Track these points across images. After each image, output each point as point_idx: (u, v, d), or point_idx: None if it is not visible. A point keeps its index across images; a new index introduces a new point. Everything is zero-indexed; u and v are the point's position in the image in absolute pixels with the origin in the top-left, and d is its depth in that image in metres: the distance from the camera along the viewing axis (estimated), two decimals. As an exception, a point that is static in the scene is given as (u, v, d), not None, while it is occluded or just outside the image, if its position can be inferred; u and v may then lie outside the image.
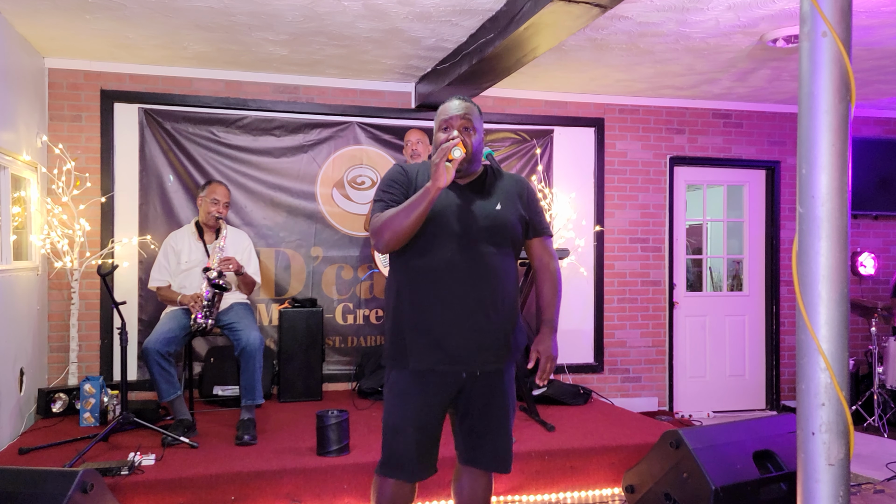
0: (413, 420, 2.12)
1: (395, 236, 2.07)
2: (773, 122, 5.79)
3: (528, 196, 2.27)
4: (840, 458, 1.32)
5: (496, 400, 2.17)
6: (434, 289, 2.10)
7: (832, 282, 1.33)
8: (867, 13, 3.62)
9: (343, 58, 4.48)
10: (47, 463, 3.21)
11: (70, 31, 4.00)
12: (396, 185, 2.18)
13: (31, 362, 4.13)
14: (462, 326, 2.09)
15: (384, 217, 2.10)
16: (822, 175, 1.33)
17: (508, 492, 3.35)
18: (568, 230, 5.30)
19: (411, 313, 2.12)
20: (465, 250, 2.10)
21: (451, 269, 2.09)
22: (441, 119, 2.19)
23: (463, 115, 2.17)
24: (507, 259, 2.19)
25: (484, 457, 2.20)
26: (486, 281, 2.11)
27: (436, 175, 2.00)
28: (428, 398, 2.12)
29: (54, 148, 4.44)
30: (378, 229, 2.10)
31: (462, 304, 2.09)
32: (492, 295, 2.12)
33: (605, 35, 4.01)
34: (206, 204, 4.02)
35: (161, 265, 4.04)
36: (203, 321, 3.72)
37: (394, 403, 2.15)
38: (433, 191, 2.00)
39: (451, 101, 2.21)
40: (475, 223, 2.13)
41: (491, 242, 2.14)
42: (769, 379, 5.80)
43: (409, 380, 2.12)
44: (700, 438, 2.90)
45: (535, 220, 2.27)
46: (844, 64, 1.33)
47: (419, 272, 2.12)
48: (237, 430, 3.62)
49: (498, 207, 2.18)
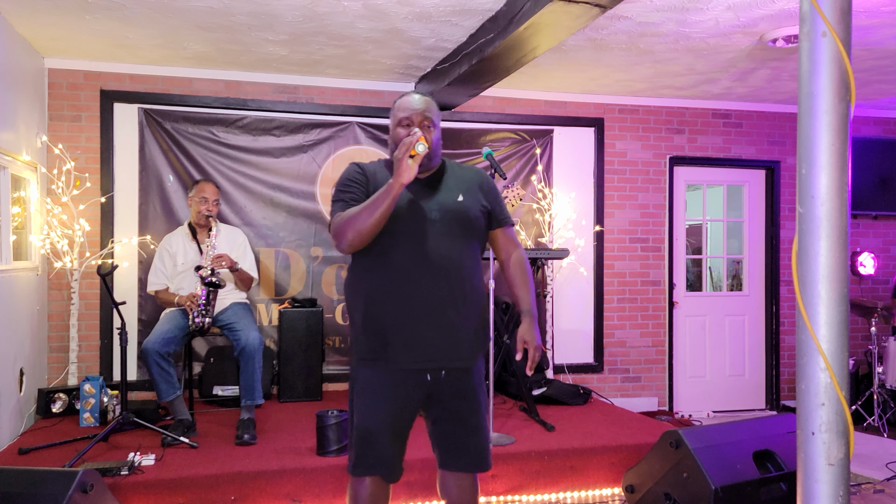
0: (387, 419, 2.08)
1: (359, 235, 2.01)
2: (773, 121, 5.79)
3: (487, 187, 2.24)
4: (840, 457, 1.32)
5: (466, 401, 2.14)
6: (402, 286, 2.05)
7: (832, 282, 1.33)
8: (867, 13, 3.62)
9: (343, 58, 4.48)
10: (47, 463, 3.21)
11: (70, 31, 4.00)
12: (355, 184, 2.13)
13: (31, 362, 4.13)
14: (429, 324, 2.05)
15: (346, 216, 2.04)
16: (821, 175, 1.33)
17: (508, 492, 3.35)
18: (568, 230, 5.30)
19: (380, 312, 2.07)
20: (430, 245, 2.06)
21: (417, 264, 2.05)
22: (400, 115, 2.14)
23: (423, 110, 2.12)
24: (473, 252, 2.16)
25: (462, 459, 2.16)
26: (454, 275, 2.07)
27: (399, 171, 1.95)
28: (400, 397, 2.09)
29: (54, 148, 4.44)
30: (340, 229, 2.04)
31: (428, 301, 2.05)
32: (461, 289, 2.09)
33: (604, 35, 4.01)
34: (195, 203, 4.03)
35: (157, 269, 4.05)
36: (200, 321, 3.72)
37: (366, 403, 2.10)
38: (396, 187, 1.96)
39: (409, 96, 2.17)
40: (438, 216, 2.09)
41: (456, 235, 2.10)
42: (769, 379, 5.80)
43: (382, 379, 2.09)
44: (700, 438, 2.90)
45: (497, 210, 2.24)
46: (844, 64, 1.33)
47: (386, 270, 2.07)
48: (237, 429, 3.62)
49: (460, 199, 2.14)
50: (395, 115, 2.17)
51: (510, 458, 3.38)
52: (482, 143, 5.20)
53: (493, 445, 3.46)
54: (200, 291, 3.73)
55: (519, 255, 2.26)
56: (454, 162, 2.28)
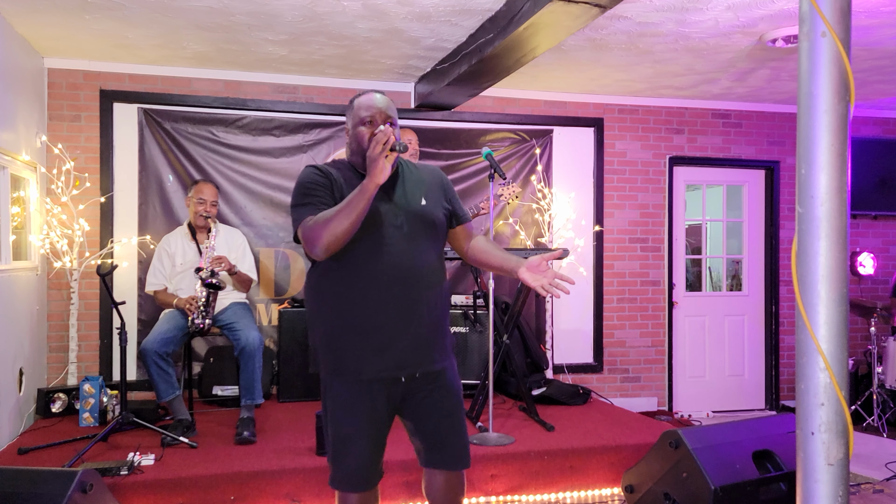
0: (364, 430, 2.04)
1: (336, 239, 1.92)
2: (773, 122, 5.79)
3: (447, 185, 2.20)
4: (839, 457, 1.32)
5: (444, 400, 2.10)
6: (368, 293, 2.00)
7: (831, 282, 1.33)
8: (866, 13, 3.62)
9: (342, 58, 4.48)
10: (46, 463, 3.21)
11: (69, 30, 4.00)
12: (319, 188, 2.04)
13: (31, 362, 4.13)
14: (400, 330, 2.01)
15: (319, 220, 1.94)
16: (821, 175, 1.33)
17: (508, 492, 3.35)
18: (567, 230, 5.30)
19: (347, 320, 2.02)
20: (396, 251, 2.01)
21: (384, 270, 2.00)
22: (363, 113, 2.07)
23: (385, 108, 2.08)
24: (437, 255, 2.12)
25: (444, 457, 2.12)
26: (420, 280, 2.03)
27: (374, 170, 1.87)
28: (375, 405, 2.04)
29: (53, 148, 4.44)
30: (314, 234, 1.94)
31: (399, 306, 2.00)
32: (427, 293, 2.05)
33: (604, 35, 4.01)
34: (193, 204, 4.03)
35: (156, 269, 4.05)
36: (200, 322, 3.71)
37: (341, 415, 2.05)
38: (371, 187, 1.88)
39: (368, 94, 2.10)
40: (404, 221, 2.04)
41: (421, 239, 2.06)
42: (768, 379, 5.80)
43: (354, 389, 2.03)
44: (699, 438, 2.90)
45: (457, 208, 2.20)
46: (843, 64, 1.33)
47: (352, 278, 2.01)
48: (237, 427, 3.62)
49: (423, 203, 2.09)
50: (355, 113, 2.09)
51: (510, 458, 3.38)
52: (482, 143, 5.20)
53: (493, 445, 3.46)
54: (200, 293, 3.73)
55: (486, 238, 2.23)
56: (408, 161, 2.22)
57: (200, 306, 3.72)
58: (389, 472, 3.10)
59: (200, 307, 3.72)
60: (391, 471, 3.11)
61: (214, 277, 3.71)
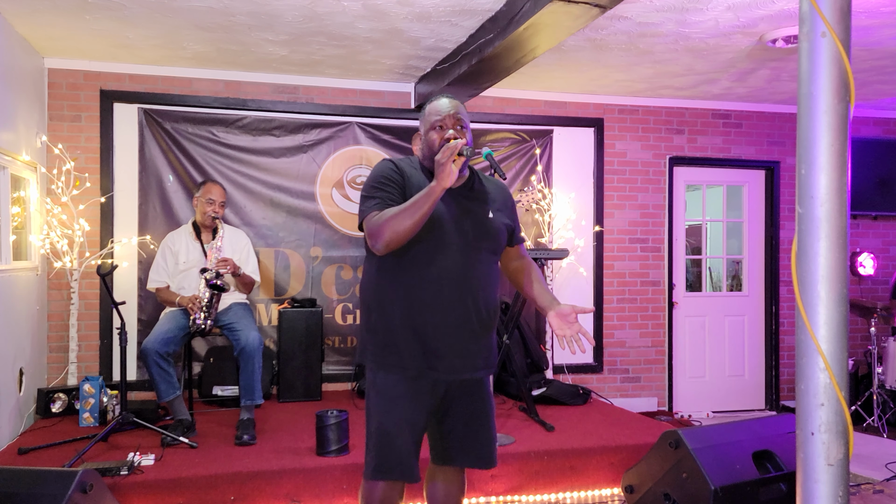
0: (407, 422, 2.09)
1: (397, 236, 2.00)
2: (773, 122, 5.79)
3: (511, 204, 2.29)
4: (839, 458, 1.32)
5: (478, 402, 2.17)
6: (427, 296, 2.06)
7: (831, 282, 1.33)
8: (866, 14, 3.62)
9: (342, 58, 4.48)
10: (47, 463, 3.21)
11: (70, 31, 4.00)
12: (391, 184, 2.11)
13: (31, 362, 4.13)
14: (453, 335, 2.07)
15: (385, 216, 2.02)
16: (821, 175, 1.33)
17: (508, 492, 3.35)
18: (567, 230, 5.30)
19: (404, 318, 2.08)
20: (459, 257, 2.08)
21: (446, 275, 2.06)
22: (433, 118, 2.14)
23: (455, 113, 2.14)
24: (494, 266, 2.19)
25: (464, 455, 2.18)
26: (477, 288, 2.10)
27: (441, 174, 1.94)
28: (419, 402, 2.10)
29: (54, 148, 4.44)
30: (378, 229, 2.02)
31: (454, 313, 2.07)
32: (482, 302, 2.11)
33: (604, 35, 4.01)
34: (201, 204, 4.02)
35: (159, 266, 4.04)
36: (202, 322, 3.71)
37: (386, 407, 2.10)
38: (438, 191, 1.95)
39: (440, 99, 2.17)
40: (470, 230, 2.11)
41: (483, 250, 2.13)
42: (768, 379, 5.80)
43: (400, 384, 2.09)
44: (699, 438, 2.90)
45: (516, 228, 2.30)
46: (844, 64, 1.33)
47: (413, 277, 2.07)
48: (236, 429, 3.62)
49: (491, 216, 2.17)
50: (427, 119, 2.17)
51: (510, 458, 3.38)
52: (482, 143, 5.20)
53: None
54: (204, 293, 3.73)
55: (532, 263, 2.33)
56: (480, 172, 2.29)
57: (203, 306, 3.72)
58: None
59: (203, 307, 3.72)
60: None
61: (219, 279, 3.71)
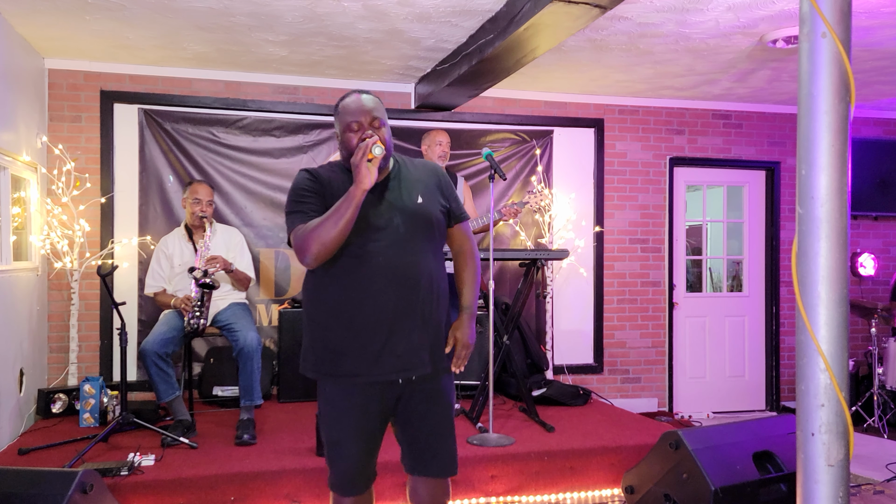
0: (355, 434, 2.03)
1: (324, 247, 1.91)
2: (773, 122, 5.79)
3: (444, 182, 2.16)
4: (840, 458, 1.32)
5: (435, 406, 2.08)
6: (365, 295, 1.97)
7: (832, 283, 1.33)
8: (867, 14, 3.62)
9: (343, 58, 4.48)
10: (47, 463, 3.21)
11: (70, 31, 4.00)
12: (309, 194, 2.02)
13: (31, 363, 4.13)
14: (399, 332, 1.98)
15: (308, 229, 1.94)
16: (821, 176, 1.33)
17: (508, 492, 3.35)
18: (567, 231, 5.30)
19: (343, 323, 1.99)
20: (392, 251, 1.98)
21: (382, 272, 1.97)
22: (348, 118, 2.02)
23: (371, 110, 2.02)
24: (437, 254, 2.09)
25: (430, 464, 2.10)
26: (417, 281, 2.00)
27: (359, 177, 1.88)
28: (368, 409, 2.02)
29: (54, 148, 4.44)
30: (304, 243, 1.94)
31: (396, 309, 1.97)
32: (426, 295, 2.02)
33: (604, 36, 4.01)
34: (189, 205, 4.02)
35: (154, 271, 4.03)
36: (195, 322, 3.71)
37: (334, 417, 2.04)
38: (358, 194, 1.89)
39: (353, 96, 2.05)
40: (400, 221, 2.01)
41: (419, 239, 2.03)
42: (769, 380, 5.79)
43: (348, 392, 2.02)
44: (700, 439, 2.90)
45: (454, 206, 2.16)
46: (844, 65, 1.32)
47: (348, 279, 1.98)
48: (236, 430, 3.62)
49: (420, 201, 2.05)
50: (342, 118, 2.04)
51: (510, 458, 3.38)
52: (482, 143, 5.20)
53: (493, 446, 3.46)
54: (195, 293, 3.73)
55: (471, 250, 2.20)
56: (406, 158, 2.18)
57: (195, 306, 3.71)
58: (389, 472, 3.10)
59: (195, 307, 3.71)
60: (390, 471, 3.10)
61: (207, 277, 3.70)
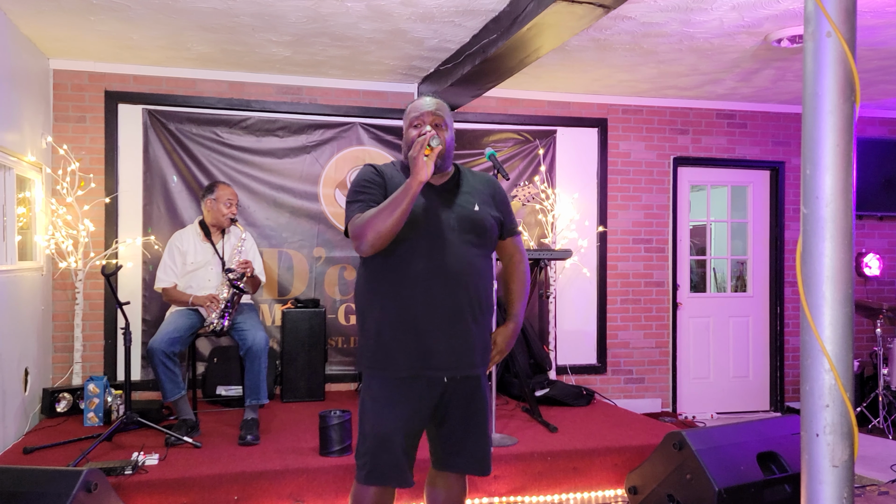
0: (402, 427, 2.08)
1: (379, 236, 2.01)
2: (778, 122, 5.77)
3: (499, 196, 2.27)
4: (844, 459, 1.32)
5: (475, 404, 2.15)
6: (418, 293, 2.05)
7: (836, 283, 1.32)
8: (872, 13, 3.61)
9: (346, 59, 4.48)
10: (52, 462, 3.22)
11: (74, 32, 4.01)
12: (373, 186, 2.14)
13: (36, 362, 4.14)
14: (447, 331, 2.06)
15: (365, 217, 2.04)
16: (826, 176, 1.33)
17: (511, 493, 3.35)
18: (571, 231, 5.29)
19: (394, 319, 2.07)
20: (447, 253, 2.07)
21: (435, 272, 2.05)
22: (412, 116, 2.17)
23: (434, 111, 2.15)
24: (486, 260, 2.18)
25: (463, 461, 2.16)
26: (468, 283, 2.09)
27: (415, 169, 1.96)
28: (414, 404, 2.08)
29: (59, 149, 4.46)
30: (360, 231, 2.04)
31: (446, 308, 2.06)
32: (475, 297, 2.11)
33: (608, 35, 4.00)
34: (218, 206, 4.00)
35: (167, 266, 4.03)
36: (220, 322, 3.71)
37: (379, 411, 2.09)
38: (415, 185, 1.96)
39: (421, 98, 2.21)
40: (456, 224, 2.11)
41: (472, 244, 2.12)
42: (773, 380, 5.78)
43: (395, 386, 2.08)
44: (703, 440, 2.89)
45: (507, 219, 2.28)
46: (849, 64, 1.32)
47: (402, 277, 2.07)
48: (240, 429, 3.62)
49: (476, 208, 2.16)
50: (407, 117, 2.20)
51: (513, 459, 3.38)
52: (485, 143, 5.20)
53: (496, 446, 3.46)
54: (224, 294, 3.74)
55: (524, 266, 2.33)
56: (466, 168, 2.30)
57: (222, 307, 3.72)
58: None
59: (223, 307, 3.72)
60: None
61: (242, 281, 3.73)
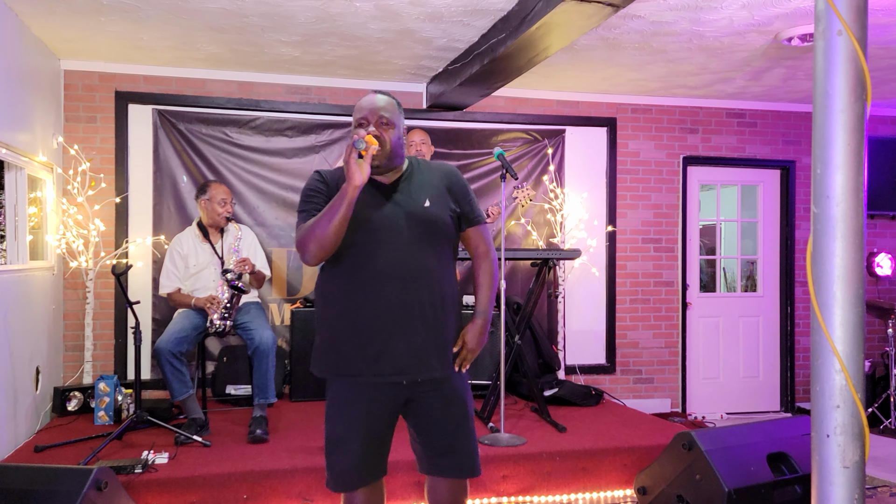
0: (358, 432, 2.02)
1: (321, 246, 1.95)
2: (788, 121, 5.73)
3: (456, 187, 2.14)
4: (855, 460, 1.31)
5: (451, 407, 2.07)
6: (369, 296, 1.99)
7: (847, 282, 1.31)
8: (883, 11, 3.58)
9: (355, 58, 4.49)
10: (62, 461, 3.24)
11: (85, 33, 4.04)
12: (316, 194, 2.07)
13: (47, 361, 4.17)
14: (399, 334, 1.99)
15: (306, 227, 1.98)
16: (837, 175, 1.32)
17: (519, 493, 3.35)
18: (580, 230, 5.28)
19: (346, 323, 2.02)
20: (397, 255, 2.00)
21: (386, 273, 1.99)
22: (357, 116, 2.07)
23: (378, 108, 2.05)
24: (443, 258, 2.09)
25: (447, 463, 2.09)
26: (420, 284, 2.01)
27: (349, 174, 1.90)
28: (372, 408, 2.03)
29: (70, 149, 4.49)
30: (302, 241, 1.99)
31: (398, 311, 1.99)
32: (430, 298, 2.02)
33: (617, 34, 3.99)
34: (213, 206, 4.03)
35: (169, 271, 4.05)
36: (221, 323, 3.73)
37: (336, 416, 2.05)
38: (350, 191, 1.90)
39: (367, 96, 2.11)
40: (405, 223, 2.02)
41: (424, 243, 2.03)
42: (783, 380, 5.75)
43: (351, 391, 2.03)
44: (713, 440, 2.88)
45: (466, 210, 2.15)
46: (860, 62, 1.31)
47: (352, 280, 2.01)
48: (249, 426, 3.64)
49: (427, 205, 2.06)
50: (354, 116, 2.10)
51: (521, 458, 3.38)
52: (494, 143, 5.20)
53: (504, 446, 3.46)
54: (224, 294, 3.75)
55: (485, 253, 2.19)
56: (422, 161, 2.20)
57: (223, 307, 3.74)
58: (401, 472, 3.11)
59: (223, 308, 3.74)
60: (402, 471, 3.11)
61: (240, 280, 3.74)
